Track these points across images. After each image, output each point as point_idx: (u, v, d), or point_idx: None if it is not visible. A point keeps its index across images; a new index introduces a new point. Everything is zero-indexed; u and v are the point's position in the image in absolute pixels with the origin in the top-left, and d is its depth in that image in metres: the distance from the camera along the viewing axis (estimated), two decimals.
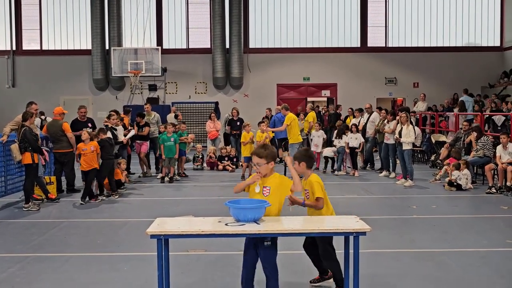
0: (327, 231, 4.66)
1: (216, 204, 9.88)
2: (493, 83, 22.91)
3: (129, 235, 7.79)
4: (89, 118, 12.76)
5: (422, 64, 23.66)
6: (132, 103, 22.82)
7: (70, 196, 11.22)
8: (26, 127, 9.72)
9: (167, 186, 12.58)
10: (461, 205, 10.18)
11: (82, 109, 12.46)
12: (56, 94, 23.10)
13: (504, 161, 11.24)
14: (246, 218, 4.68)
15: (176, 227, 4.69)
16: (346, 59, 23.68)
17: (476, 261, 6.41)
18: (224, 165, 15.35)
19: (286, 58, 23.64)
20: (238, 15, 22.81)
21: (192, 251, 6.73)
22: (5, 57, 23.70)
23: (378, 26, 23.95)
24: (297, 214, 5.24)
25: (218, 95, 23.71)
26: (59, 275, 5.99)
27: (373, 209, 9.63)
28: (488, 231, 7.90)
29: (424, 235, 7.67)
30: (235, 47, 22.85)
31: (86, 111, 12.66)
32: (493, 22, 24.12)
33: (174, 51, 23.57)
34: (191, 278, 5.83)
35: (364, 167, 15.27)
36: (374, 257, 6.49)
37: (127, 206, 10.12)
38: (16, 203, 10.36)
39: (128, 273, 6.02)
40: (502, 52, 23.82)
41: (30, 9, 23.91)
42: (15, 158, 9.78)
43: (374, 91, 23.51)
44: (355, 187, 12.17)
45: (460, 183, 11.56)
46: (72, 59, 23.60)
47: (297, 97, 23.78)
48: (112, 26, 22.86)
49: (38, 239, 7.54)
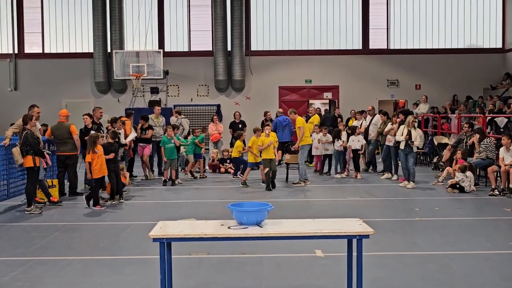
0: (330, 234, 4.64)
1: (218, 207, 9.88)
2: (495, 85, 22.88)
3: (132, 238, 7.77)
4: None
5: (424, 66, 23.63)
6: (134, 106, 22.84)
7: (72, 199, 11.22)
8: (27, 130, 9.73)
9: (169, 189, 12.57)
10: (464, 208, 10.16)
11: (100, 110, 12.65)
12: (58, 97, 23.12)
13: (507, 163, 11.21)
14: (249, 221, 4.67)
15: (178, 230, 4.69)
16: (348, 61, 23.67)
17: (479, 263, 6.38)
18: (226, 168, 15.35)
19: (288, 60, 23.63)
20: (239, 18, 22.81)
21: (195, 254, 6.72)
22: (7, 60, 23.74)
23: (380, 28, 23.92)
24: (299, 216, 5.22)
25: (220, 97, 23.71)
26: (61, 278, 5.98)
27: (375, 212, 9.61)
28: (491, 234, 7.87)
29: (427, 237, 7.65)
30: (236, 50, 22.85)
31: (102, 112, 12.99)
32: (495, 24, 24.08)
33: (176, 54, 23.57)
34: (193, 281, 5.82)
35: (367, 170, 15.25)
36: (377, 260, 6.47)
37: (130, 209, 10.10)
38: (18, 206, 10.36)
39: (131, 277, 6.01)
40: (504, 53, 23.78)
41: (32, 13, 23.95)
42: (16, 161, 9.78)
43: (376, 93, 23.49)
44: (358, 190, 12.14)
45: (463, 185, 11.53)
46: (74, 62, 23.62)
47: (299, 99, 23.76)
48: (114, 29, 22.88)
49: (40, 243, 7.54)
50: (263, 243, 6.59)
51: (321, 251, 6.72)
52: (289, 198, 11.12)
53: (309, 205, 10.35)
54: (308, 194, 11.56)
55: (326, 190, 12.34)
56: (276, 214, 5.96)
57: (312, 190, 12.12)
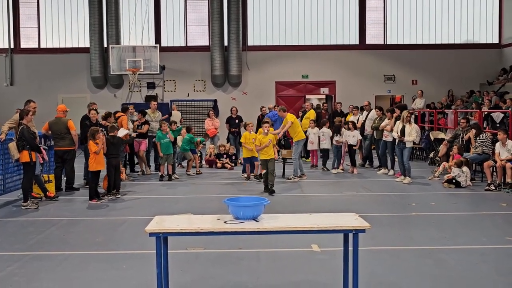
0: (326, 228, 4.65)
1: (215, 202, 9.88)
2: (491, 80, 22.91)
3: (128, 233, 7.78)
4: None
5: (421, 61, 23.62)
6: (130, 101, 22.78)
7: (69, 194, 11.21)
8: (23, 125, 9.71)
9: (166, 184, 12.57)
10: (460, 202, 10.19)
11: (94, 106, 12.61)
12: (54, 92, 23.05)
13: (503, 158, 11.24)
14: (245, 216, 4.67)
15: (175, 225, 4.68)
16: (345, 56, 23.65)
17: (475, 258, 6.41)
18: (223, 163, 15.35)
19: (284, 55, 23.60)
20: (236, 13, 22.75)
21: (191, 249, 6.72)
22: (3, 55, 23.62)
23: (377, 24, 23.90)
24: (296, 211, 5.23)
25: (217, 93, 23.68)
26: (58, 273, 5.97)
27: (372, 207, 9.62)
28: (487, 228, 7.90)
29: (423, 232, 7.67)
30: (233, 45, 22.80)
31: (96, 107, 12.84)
32: (491, 19, 24.07)
33: (173, 49, 23.52)
34: (190, 276, 5.82)
35: (363, 165, 15.27)
36: (373, 254, 6.49)
37: (126, 204, 10.10)
38: (15, 201, 10.34)
39: (127, 271, 6.01)
40: (501, 49, 23.79)
41: (28, 7, 23.82)
42: (12, 156, 9.76)
43: (372, 89, 23.49)
44: (354, 185, 12.16)
45: (459, 180, 11.56)
46: (70, 57, 23.53)
47: (296, 94, 23.74)
48: (110, 23, 22.78)
49: (37, 238, 7.53)
50: (260, 238, 6.60)
51: (318, 245, 6.73)
52: (286, 193, 11.13)
53: (305, 200, 10.36)
54: (304, 189, 11.57)
55: (322, 185, 12.34)
56: (272, 209, 5.98)
57: (308, 185, 12.13)
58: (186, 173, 14.05)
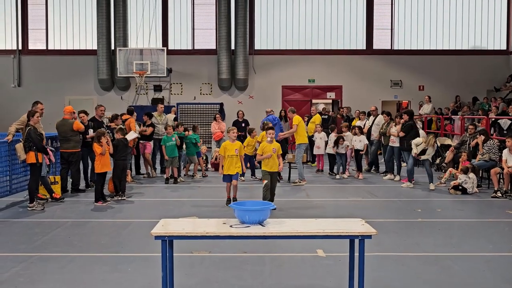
0: (332, 234, 4.63)
1: (221, 205, 9.87)
2: (499, 86, 22.83)
3: (133, 236, 7.78)
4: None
5: (428, 67, 23.59)
6: (137, 104, 22.86)
7: (74, 196, 11.23)
8: (30, 127, 9.74)
9: (171, 187, 12.57)
10: (466, 209, 10.14)
11: (101, 108, 12.61)
12: (62, 93, 23.18)
13: (510, 165, 11.17)
14: (251, 220, 4.67)
15: (180, 228, 4.68)
16: (352, 61, 23.64)
17: (481, 265, 6.37)
18: None
19: (291, 60, 23.63)
20: (243, 17, 22.80)
21: (196, 252, 6.72)
22: (11, 56, 23.77)
23: (384, 29, 23.90)
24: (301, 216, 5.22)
25: (223, 96, 23.71)
26: (63, 275, 5.98)
27: (377, 212, 9.59)
28: (493, 236, 7.86)
29: (428, 238, 7.63)
30: (240, 49, 22.83)
31: (104, 109, 12.87)
32: (499, 26, 24.03)
33: (180, 52, 23.59)
34: (195, 280, 5.81)
35: (369, 170, 15.22)
36: (379, 260, 6.46)
37: (131, 207, 10.11)
38: (21, 202, 10.37)
39: (132, 274, 6.01)
40: (509, 55, 23.72)
41: (36, 9, 23.98)
42: (19, 157, 9.80)
43: (379, 94, 23.47)
44: (360, 190, 12.13)
45: (465, 187, 11.51)
46: (77, 59, 23.65)
47: (302, 99, 23.75)
48: (117, 26, 22.89)
49: (42, 239, 7.55)
50: (265, 242, 6.59)
51: (323, 251, 6.72)
52: (291, 197, 11.11)
53: (311, 205, 10.33)
54: (310, 194, 11.55)
55: (328, 190, 12.32)
56: (278, 214, 5.96)
57: (314, 190, 12.10)
58: (191, 175, 14.12)
